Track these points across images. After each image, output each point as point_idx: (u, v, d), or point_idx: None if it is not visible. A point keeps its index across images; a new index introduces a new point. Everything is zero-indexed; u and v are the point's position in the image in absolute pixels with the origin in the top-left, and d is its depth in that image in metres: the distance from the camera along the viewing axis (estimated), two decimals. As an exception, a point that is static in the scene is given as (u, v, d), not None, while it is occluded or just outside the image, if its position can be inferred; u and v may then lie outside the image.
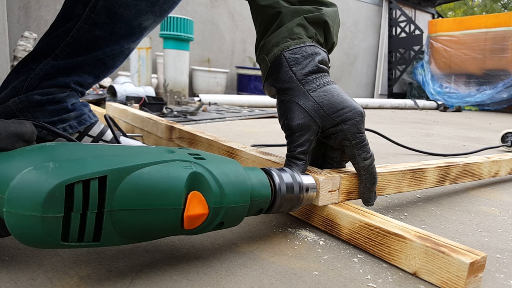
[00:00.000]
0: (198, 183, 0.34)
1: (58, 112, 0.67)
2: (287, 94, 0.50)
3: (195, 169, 0.35)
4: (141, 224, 0.32)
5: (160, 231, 0.34)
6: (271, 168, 0.44)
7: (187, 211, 0.33)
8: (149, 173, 0.32)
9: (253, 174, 0.41)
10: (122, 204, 0.30)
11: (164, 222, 0.33)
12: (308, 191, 0.46)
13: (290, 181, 0.43)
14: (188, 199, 0.33)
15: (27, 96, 0.65)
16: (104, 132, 0.73)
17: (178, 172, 0.33)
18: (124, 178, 0.30)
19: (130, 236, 0.32)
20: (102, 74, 0.71)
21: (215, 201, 0.35)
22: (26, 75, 0.65)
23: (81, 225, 0.29)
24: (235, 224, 0.39)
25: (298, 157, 0.48)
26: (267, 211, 0.43)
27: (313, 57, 0.50)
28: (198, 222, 0.35)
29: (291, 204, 0.44)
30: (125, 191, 0.30)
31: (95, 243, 0.30)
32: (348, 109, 0.48)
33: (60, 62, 0.65)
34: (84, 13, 0.62)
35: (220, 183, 0.35)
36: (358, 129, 0.48)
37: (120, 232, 0.31)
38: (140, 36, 0.69)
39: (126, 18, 0.63)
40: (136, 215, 0.31)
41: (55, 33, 0.65)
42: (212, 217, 0.35)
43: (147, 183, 0.31)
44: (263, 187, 0.40)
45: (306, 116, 0.48)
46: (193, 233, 0.36)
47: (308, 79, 0.49)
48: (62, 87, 0.67)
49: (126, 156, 0.32)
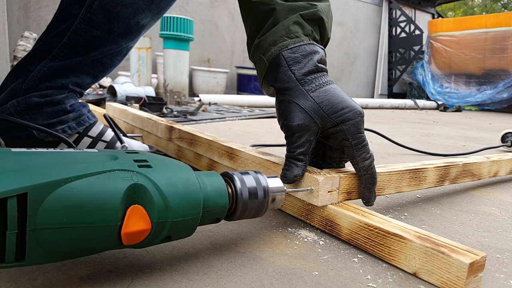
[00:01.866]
0: (139, 196, 0.31)
1: (57, 114, 0.67)
2: (286, 94, 0.49)
3: (136, 181, 0.31)
4: (71, 242, 0.29)
5: (95, 248, 0.31)
6: (233, 172, 0.41)
7: (125, 228, 0.31)
8: (79, 187, 0.29)
9: (208, 181, 0.38)
10: (47, 222, 0.27)
11: (99, 239, 0.30)
12: (275, 195, 0.43)
13: (253, 185, 0.41)
14: (127, 214, 0.31)
15: (25, 99, 0.65)
16: (103, 132, 0.73)
17: (115, 184, 0.30)
18: (49, 194, 0.27)
19: (61, 254, 0.30)
20: (100, 74, 0.70)
21: (158, 215, 0.32)
22: (24, 77, 0.65)
23: (1, 246, 0.26)
24: (186, 236, 0.36)
25: (298, 157, 0.48)
26: (228, 218, 0.41)
27: (311, 56, 0.49)
28: (140, 238, 0.32)
29: (256, 210, 0.41)
30: (50, 207, 0.27)
31: (19, 263, 0.28)
32: (348, 109, 0.48)
33: (58, 63, 0.65)
34: (80, 13, 0.62)
35: (165, 195, 0.32)
36: (358, 129, 0.48)
37: (48, 251, 0.28)
38: (138, 34, 0.68)
39: (123, 17, 0.63)
40: (65, 233, 0.28)
41: (52, 34, 0.65)
42: (156, 232, 0.33)
43: (76, 198, 0.28)
44: (219, 196, 0.38)
45: (306, 116, 0.48)
46: (136, 247, 0.33)
47: (308, 79, 0.49)
48: (60, 89, 0.67)
49: (54, 167, 0.29)
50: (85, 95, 2.06)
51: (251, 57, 0.55)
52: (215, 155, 0.68)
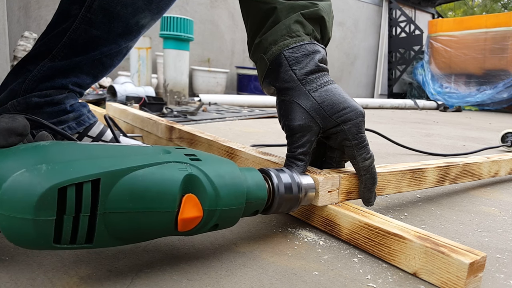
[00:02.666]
0: (193, 185, 0.34)
1: (57, 114, 0.67)
2: (288, 94, 0.49)
3: (190, 171, 0.34)
4: (134, 226, 0.32)
5: (154, 233, 0.34)
6: (269, 169, 0.44)
7: (181, 214, 0.33)
8: (143, 175, 0.31)
9: (249, 175, 0.40)
10: (115, 207, 0.30)
11: (158, 224, 0.33)
12: (307, 191, 0.46)
13: (288, 181, 0.43)
14: (182, 202, 0.33)
15: (25, 99, 0.65)
16: (103, 132, 0.73)
17: (173, 174, 0.33)
18: (118, 181, 0.30)
19: (124, 238, 0.32)
20: (100, 74, 0.70)
21: (209, 204, 0.35)
22: (23, 77, 0.65)
23: (74, 228, 0.29)
24: (230, 225, 0.39)
25: (299, 157, 0.48)
26: (265, 212, 0.43)
27: (313, 55, 0.49)
28: (192, 225, 0.35)
29: (290, 205, 0.44)
30: (119, 193, 0.30)
31: (88, 245, 0.30)
32: (349, 109, 0.48)
33: (58, 63, 0.65)
34: (80, 13, 0.62)
35: (215, 185, 0.35)
36: (359, 129, 0.48)
37: (113, 234, 0.31)
38: (137, 34, 0.68)
39: (123, 16, 0.63)
40: (130, 218, 0.31)
41: (51, 34, 0.64)
42: (207, 219, 0.35)
43: (141, 185, 0.31)
44: (259, 189, 0.40)
45: (307, 116, 0.48)
46: (187, 234, 0.36)
47: (309, 78, 0.49)
48: (60, 89, 0.67)
49: (120, 157, 0.32)
50: (85, 95, 2.06)
51: (251, 56, 0.55)
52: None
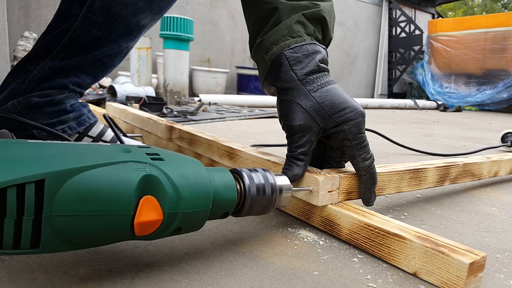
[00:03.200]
0: (152, 187, 0.32)
1: (57, 114, 0.67)
2: (288, 94, 0.49)
3: (149, 172, 0.32)
4: (86, 230, 0.30)
5: (109, 237, 0.32)
6: (242, 169, 0.42)
7: (137, 217, 0.31)
8: (94, 176, 0.29)
9: (217, 176, 0.38)
10: (63, 210, 0.28)
11: (112, 228, 0.31)
12: (282, 192, 0.43)
13: (261, 182, 0.41)
14: (139, 204, 0.31)
15: (26, 99, 0.65)
16: (104, 132, 0.73)
17: (129, 175, 0.31)
18: (65, 182, 0.28)
19: (76, 242, 0.30)
20: (100, 74, 0.70)
21: (170, 206, 0.33)
22: (24, 77, 0.65)
23: (16, 232, 0.27)
24: (196, 229, 0.37)
25: (299, 157, 0.48)
26: (237, 214, 0.41)
27: (313, 56, 0.49)
28: (152, 229, 0.33)
29: (263, 206, 0.42)
30: (66, 195, 0.28)
31: (34, 250, 0.28)
32: (349, 109, 0.48)
33: (58, 63, 0.65)
34: (81, 13, 0.62)
35: (176, 186, 0.33)
36: (359, 129, 0.48)
37: (63, 238, 0.29)
38: (138, 34, 0.68)
39: (124, 17, 0.63)
40: (80, 221, 0.29)
41: (52, 34, 0.64)
42: (168, 223, 0.33)
43: (91, 187, 0.29)
44: (227, 190, 0.38)
45: (307, 116, 0.48)
46: (147, 239, 0.34)
47: (309, 79, 0.49)
48: (61, 89, 0.67)
49: (70, 157, 0.30)
50: (85, 95, 2.06)
51: (253, 56, 0.55)
52: (215, 155, 0.68)
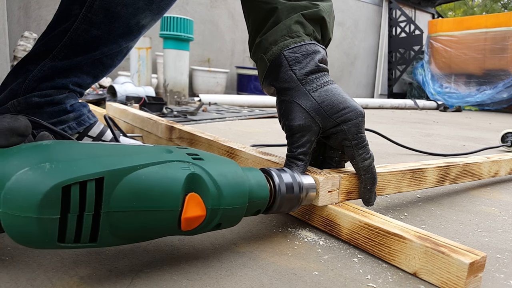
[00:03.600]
0: (196, 184, 0.34)
1: (57, 114, 0.67)
2: (288, 94, 0.49)
3: (193, 170, 0.34)
4: (138, 226, 0.32)
5: (157, 232, 0.34)
6: (271, 169, 0.44)
7: (184, 213, 0.33)
8: (146, 174, 0.31)
9: (251, 175, 0.40)
10: (119, 206, 0.30)
11: (162, 223, 0.33)
12: (308, 191, 0.46)
13: (290, 181, 0.43)
14: (185, 201, 0.33)
15: (26, 99, 0.65)
16: (103, 132, 0.73)
17: (176, 173, 0.33)
18: (122, 179, 0.30)
19: (127, 237, 0.32)
20: (100, 74, 0.70)
21: (212, 203, 0.35)
22: (24, 77, 0.65)
23: (78, 227, 0.29)
24: (233, 225, 0.39)
25: (299, 157, 0.48)
26: (267, 211, 0.43)
27: (313, 56, 0.49)
28: (196, 224, 0.35)
29: (291, 204, 0.44)
30: (122, 192, 0.30)
31: (92, 244, 0.30)
32: (349, 109, 0.48)
33: (58, 63, 0.65)
34: (81, 13, 0.62)
35: (218, 184, 0.35)
36: (359, 129, 0.48)
37: (116, 233, 0.31)
38: (138, 34, 0.68)
39: (124, 17, 0.63)
40: (133, 217, 0.31)
41: (52, 34, 0.64)
42: (210, 218, 0.35)
43: (145, 184, 0.31)
44: (261, 189, 0.40)
45: (307, 116, 0.48)
46: (190, 233, 0.36)
47: (309, 79, 0.49)
48: (61, 89, 0.67)
49: (123, 156, 0.32)
50: (85, 95, 2.06)
51: (252, 56, 0.55)
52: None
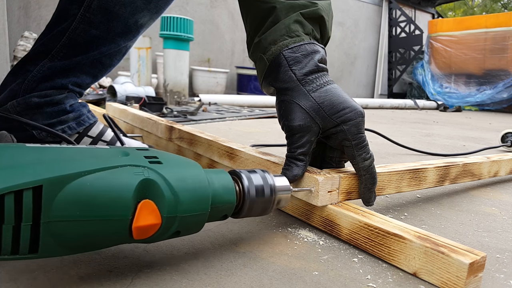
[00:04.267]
0: (150, 190, 0.32)
1: (57, 114, 0.67)
2: (287, 94, 0.49)
3: (147, 176, 0.32)
4: (84, 235, 0.30)
5: (107, 242, 0.32)
6: (241, 171, 0.42)
7: (136, 222, 0.31)
8: (92, 181, 0.29)
9: (216, 178, 0.38)
10: (61, 215, 0.28)
11: (110, 232, 0.31)
12: (281, 193, 0.43)
13: (260, 183, 0.41)
14: (138, 209, 0.31)
15: (25, 99, 0.65)
16: (103, 132, 0.73)
17: (127, 179, 0.31)
18: (63, 187, 0.28)
19: (74, 247, 0.30)
20: (99, 73, 0.70)
21: (169, 210, 0.33)
22: (23, 77, 0.65)
23: (15, 238, 0.27)
24: (195, 231, 0.37)
25: (299, 158, 0.48)
26: (236, 216, 0.41)
27: (312, 55, 0.49)
28: (150, 232, 0.33)
29: (263, 208, 0.42)
30: (64, 201, 0.28)
31: (32, 255, 0.29)
32: (349, 109, 0.48)
33: (57, 63, 0.65)
34: (79, 13, 0.62)
35: (175, 190, 0.33)
36: (359, 129, 0.48)
37: (61, 243, 0.29)
38: (136, 34, 0.68)
39: (122, 16, 0.63)
40: (78, 226, 0.29)
41: (51, 34, 0.64)
42: (166, 226, 0.33)
43: (89, 192, 0.29)
44: (226, 192, 0.38)
45: (307, 117, 0.48)
46: (146, 242, 0.34)
47: (308, 79, 0.49)
48: (60, 89, 0.67)
49: (69, 162, 0.30)
50: (85, 95, 2.06)
51: (251, 55, 0.55)
52: (215, 155, 0.68)
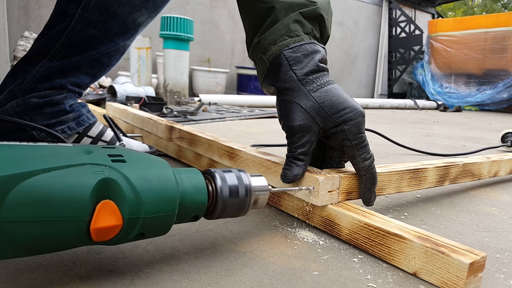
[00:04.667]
0: (110, 190, 0.31)
1: (56, 114, 0.67)
2: (288, 94, 0.49)
3: (107, 175, 0.31)
4: (38, 237, 0.28)
5: (63, 243, 0.31)
6: (215, 170, 0.40)
7: (94, 223, 0.30)
8: (46, 180, 0.28)
9: (186, 178, 0.36)
10: (12, 215, 0.27)
11: (66, 234, 0.29)
12: (257, 194, 0.41)
13: (235, 184, 0.39)
14: (96, 209, 0.30)
15: (24, 99, 0.65)
16: (103, 132, 0.73)
17: (84, 178, 0.30)
18: (15, 187, 0.27)
19: (28, 248, 0.29)
20: (98, 73, 0.70)
21: (130, 211, 0.31)
22: (22, 78, 0.65)
23: None
24: (161, 234, 0.35)
25: (299, 157, 0.48)
26: (208, 217, 0.40)
27: (313, 55, 0.49)
28: (111, 234, 0.31)
29: (237, 209, 0.40)
30: (15, 201, 0.27)
31: None
32: (349, 109, 0.48)
33: (56, 64, 0.65)
34: (77, 13, 0.62)
35: (137, 190, 0.31)
36: (359, 129, 0.48)
37: (14, 245, 0.28)
38: (135, 32, 0.68)
39: (120, 15, 0.63)
40: (31, 227, 0.28)
41: (49, 34, 0.64)
42: (128, 228, 0.32)
43: (43, 191, 0.28)
44: (197, 192, 0.36)
45: (307, 117, 0.48)
46: (107, 244, 0.32)
47: (309, 79, 0.49)
48: (59, 89, 0.67)
49: (22, 160, 0.28)
50: (85, 95, 2.06)
51: (250, 55, 0.55)
52: (215, 155, 0.68)
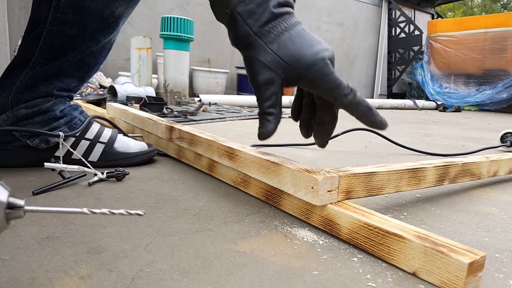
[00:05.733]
0: None
1: (48, 122, 0.67)
2: (248, 50, 0.48)
3: None
4: None
5: None
6: None
7: None
8: None
9: None
10: None
11: None
12: None
13: None
14: None
15: (13, 112, 0.64)
16: (100, 133, 0.73)
17: None
18: None
19: None
20: (86, 74, 0.68)
21: None
22: (8, 90, 0.64)
23: None
24: None
25: (268, 111, 0.48)
26: None
27: (267, 3, 0.46)
28: None
29: None
30: None
31: None
32: (308, 57, 0.45)
33: (39, 71, 0.63)
34: (50, 14, 0.60)
35: None
36: (324, 73, 0.45)
37: None
38: (116, 26, 0.66)
39: (95, 9, 0.61)
40: None
41: (27, 41, 0.63)
42: None
43: None
44: None
45: (269, 71, 0.46)
46: None
47: (265, 30, 0.46)
48: (46, 96, 0.66)
49: None
50: (86, 95, 2.06)
51: (217, 18, 0.52)
52: (215, 155, 0.68)
